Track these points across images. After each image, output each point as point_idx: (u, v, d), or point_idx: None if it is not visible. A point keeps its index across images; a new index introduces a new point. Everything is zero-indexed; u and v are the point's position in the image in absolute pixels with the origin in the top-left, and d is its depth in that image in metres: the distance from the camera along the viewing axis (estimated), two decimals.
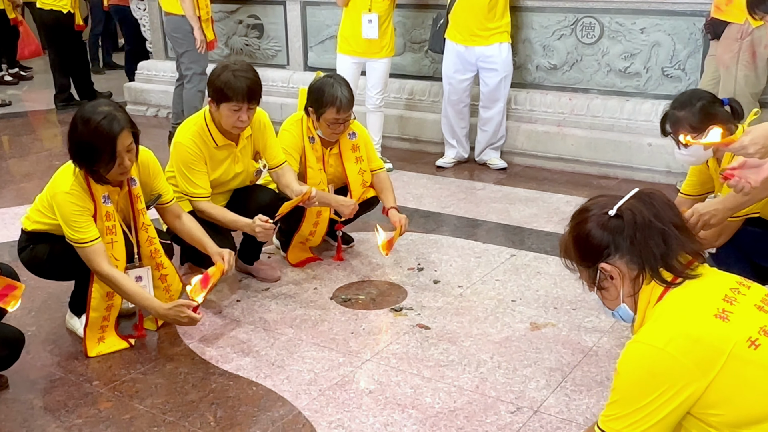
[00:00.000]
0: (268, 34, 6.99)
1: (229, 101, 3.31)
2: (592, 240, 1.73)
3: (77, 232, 2.92)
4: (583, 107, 5.48)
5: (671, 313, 1.60)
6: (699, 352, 1.52)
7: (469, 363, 2.97)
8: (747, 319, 1.55)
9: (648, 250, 1.67)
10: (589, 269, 1.77)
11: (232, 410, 2.71)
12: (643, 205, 1.70)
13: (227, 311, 3.46)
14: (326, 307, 3.48)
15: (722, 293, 1.61)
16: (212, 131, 3.44)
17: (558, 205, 4.77)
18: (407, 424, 2.60)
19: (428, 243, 4.20)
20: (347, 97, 3.64)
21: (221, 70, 3.36)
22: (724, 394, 1.51)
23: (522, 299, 3.51)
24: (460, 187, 5.23)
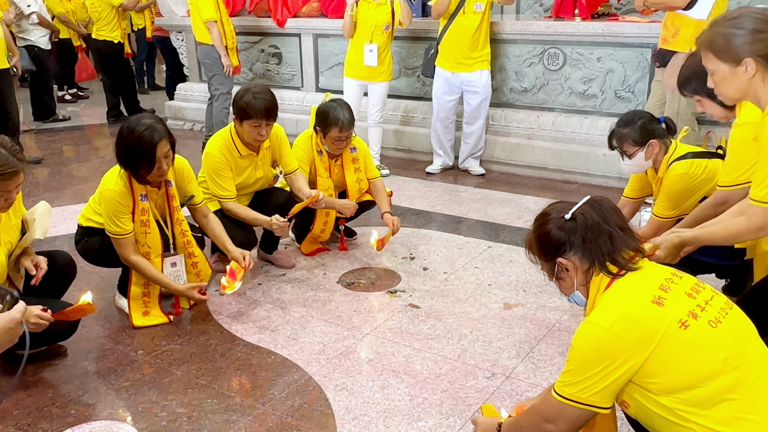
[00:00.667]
0: (285, 61, 6.98)
1: (251, 119, 3.32)
2: (552, 239, 1.73)
3: (115, 226, 2.95)
4: (548, 123, 5.47)
5: (616, 299, 1.61)
6: (638, 332, 1.53)
7: (452, 336, 2.98)
8: (678, 304, 1.56)
9: (597, 248, 1.68)
10: (549, 263, 1.78)
11: (254, 375, 2.72)
12: (593, 210, 1.71)
13: (250, 293, 3.46)
14: (333, 290, 3.48)
15: (658, 283, 1.61)
16: (237, 143, 3.44)
17: (528, 205, 4.78)
18: (400, 387, 2.61)
19: (419, 236, 4.20)
20: (348, 118, 3.64)
21: (243, 92, 3.37)
22: (660, 365, 1.52)
23: (497, 283, 3.51)
24: (446, 190, 5.24)
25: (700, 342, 1.51)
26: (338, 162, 3.83)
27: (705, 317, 1.54)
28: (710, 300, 1.59)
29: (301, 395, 2.57)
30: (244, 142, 3.45)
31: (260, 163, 3.55)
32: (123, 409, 2.52)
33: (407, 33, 5.94)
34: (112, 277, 3.43)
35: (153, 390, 2.63)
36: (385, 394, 2.56)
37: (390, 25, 5.35)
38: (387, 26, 5.34)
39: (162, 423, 2.43)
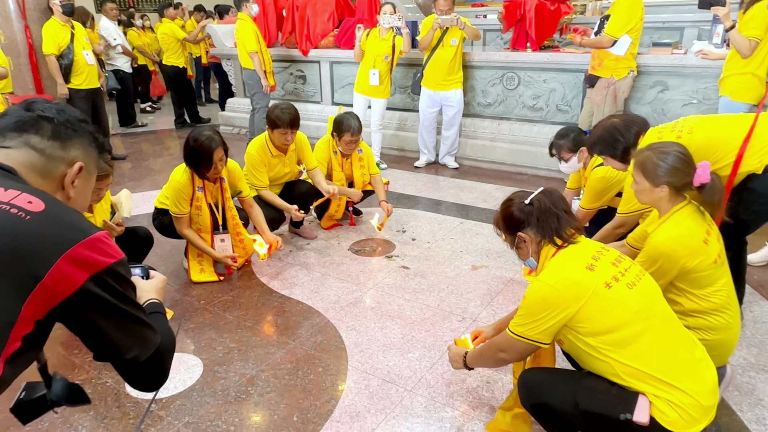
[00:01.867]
0: (309, 81, 6.90)
1: (280, 128, 3.31)
2: (514, 218, 1.73)
3: (176, 207, 2.96)
4: (507, 129, 5.43)
5: (559, 264, 1.61)
6: (574, 289, 1.53)
7: (433, 290, 2.98)
8: (605, 271, 1.56)
9: (548, 226, 1.68)
10: (511, 236, 1.77)
11: (287, 319, 2.73)
12: (546, 198, 1.71)
13: (284, 257, 3.46)
14: (345, 255, 3.48)
15: (591, 254, 1.61)
16: (269, 146, 3.43)
17: (490, 192, 4.76)
18: (395, 328, 2.62)
19: (409, 215, 4.19)
20: (358, 126, 3.62)
21: (274, 108, 3.35)
22: (588, 315, 1.53)
23: (467, 251, 3.50)
24: (429, 180, 5.21)
25: (619, 299, 1.52)
26: (348, 160, 3.82)
27: (624, 281, 1.55)
28: (629, 268, 1.60)
29: (321, 334, 2.59)
30: (276, 146, 3.44)
31: (287, 161, 3.54)
32: (190, 344, 2.54)
33: (402, 61, 5.87)
34: (180, 246, 3.44)
35: (212, 330, 2.64)
36: (384, 333, 2.58)
37: (389, 56, 5.29)
38: (387, 56, 5.27)
39: (219, 355, 2.45)
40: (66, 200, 1.05)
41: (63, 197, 1.05)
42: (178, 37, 7.57)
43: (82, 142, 1.08)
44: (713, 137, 2.16)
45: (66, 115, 1.07)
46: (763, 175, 2.10)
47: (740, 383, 2.17)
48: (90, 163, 1.10)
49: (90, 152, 1.09)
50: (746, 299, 2.75)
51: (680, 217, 1.86)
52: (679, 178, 1.85)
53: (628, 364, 1.49)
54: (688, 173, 1.84)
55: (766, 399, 2.08)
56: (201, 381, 2.28)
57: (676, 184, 1.86)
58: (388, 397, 2.15)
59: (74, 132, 1.06)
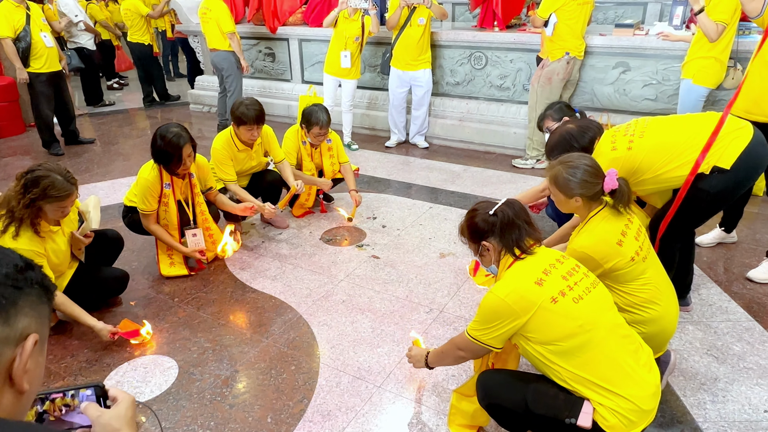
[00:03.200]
0: (278, 59, 6.71)
1: (246, 124, 3.24)
2: (479, 227, 1.75)
3: (143, 204, 2.93)
4: (475, 109, 5.41)
5: (512, 277, 1.65)
6: (522, 303, 1.58)
7: (402, 280, 3.00)
8: (553, 285, 1.60)
9: (509, 236, 1.71)
10: (475, 244, 1.80)
11: (260, 315, 2.73)
12: (509, 209, 1.73)
13: (255, 249, 3.43)
14: (316, 245, 3.46)
15: (543, 267, 1.64)
16: (235, 141, 3.36)
17: (459, 173, 4.76)
18: (365, 322, 2.64)
19: (380, 200, 4.17)
20: (326, 120, 3.56)
21: (239, 105, 3.26)
22: (536, 326, 1.58)
23: (435, 237, 3.52)
24: (400, 160, 5.18)
25: (564, 312, 1.57)
26: (318, 150, 3.77)
27: (571, 295, 1.59)
28: (579, 281, 1.64)
29: (294, 330, 2.60)
30: (241, 141, 3.37)
31: (254, 155, 3.48)
32: (165, 345, 2.54)
33: (371, 40, 5.73)
34: (152, 241, 3.38)
35: (186, 329, 2.63)
36: (354, 328, 2.60)
37: (360, 37, 5.16)
38: (357, 38, 5.14)
39: (194, 356, 2.46)
40: (16, 398, 0.71)
41: (11, 397, 0.71)
42: (142, 13, 7.22)
43: (30, 300, 0.74)
44: (663, 142, 2.20)
45: (2, 268, 0.72)
46: (710, 175, 2.16)
47: (685, 368, 2.28)
48: (44, 326, 0.77)
49: (42, 310, 0.76)
50: (695, 282, 2.86)
51: (594, 223, 1.93)
52: (589, 188, 1.92)
53: (573, 372, 1.56)
54: (597, 183, 1.91)
55: (708, 383, 2.19)
56: (176, 384, 2.29)
57: (588, 194, 1.93)
58: (359, 394, 2.19)
59: (17, 291, 0.72)
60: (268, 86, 6.87)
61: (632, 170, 2.23)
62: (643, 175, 2.23)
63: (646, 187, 2.28)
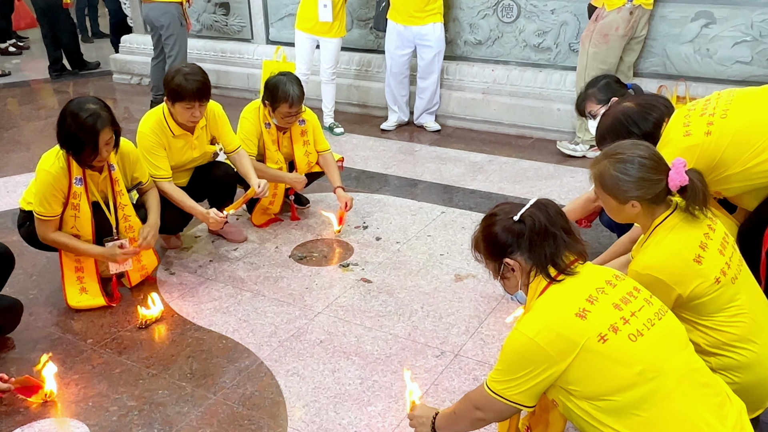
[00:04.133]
0: (234, 12, 6.74)
1: (183, 100, 3.24)
2: (499, 239, 1.76)
3: (41, 206, 2.91)
4: (503, 77, 5.43)
5: (544, 308, 1.65)
6: (559, 344, 1.58)
7: (403, 313, 3.00)
8: (601, 318, 1.59)
9: (541, 251, 1.71)
10: (495, 262, 1.80)
11: (206, 362, 2.72)
12: (541, 213, 1.73)
13: (201, 271, 3.43)
14: (285, 265, 3.47)
15: (588, 293, 1.64)
16: (170, 123, 3.36)
17: (482, 164, 4.77)
18: (351, 370, 2.63)
19: (373, 202, 4.18)
20: (298, 94, 3.57)
21: (174, 73, 3.27)
22: (579, 375, 1.58)
23: (449, 253, 3.52)
24: (401, 149, 5.20)
25: (616, 356, 1.56)
26: (287, 134, 3.77)
27: (626, 331, 1.58)
28: (638, 311, 1.63)
29: (252, 382, 2.59)
30: (178, 123, 3.37)
31: (196, 143, 3.48)
32: (73, 405, 2.51)
33: None
34: (57, 260, 3.36)
35: (103, 382, 2.61)
36: (336, 378, 2.59)
37: None
38: None
39: (113, 418, 2.43)
40: None
41: None
42: None
43: None
44: (755, 123, 2.20)
45: None
46: None
47: None
48: None
49: None
50: None
51: (661, 234, 1.93)
52: (649, 188, 1.92)
53: None
54: (658, 179, 1.91)
55: None
56: None
57: (647, 195, 1.93)
58: None
59: None
60: (220, 49, 6.88)
61: (713, 163, 2.23)
62: (728, 169, 2.23)
63: (733, 185, 2.28)
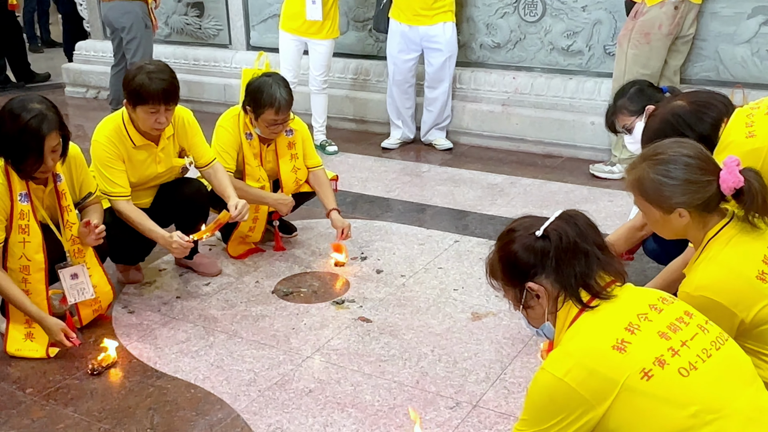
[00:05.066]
0: (208, 13, 6.84)
1: (146, 104, 3.26)
2: (520, 260, 1.75)
3: None
4: (527, 86, 5.48)
5: (576, 342, 1.63)
6: (594, 384, 1.56)
7: (410, 357, 2.98)
8: (644, 350, 1.57)
9: (570, 271, 1.70)
10: (515, 289, 1.79)
11: (170, 415, 2.68)
12: (568, 226, 1.72)
13: (166, 309, 3.41)
14: (267, 302, 3.45)
15: (628, 320, 1.62)
16: (130, 131, 3.37)
17: (503, 187, 4.79)
18: (346, 424, 2.59)
19: (372, 230, 4.18)
20: (286, 98, 3.59)
21: (136, 71, 3.30)
22: (621, 421, 1.55)
23: (464, 288, 3.52)
24: (406, 170, 5.22)
25: (665, 395, 1.53)
26: (271, 147, 3.80)
27: (676, 364, 1.56)
28: (690, 340, 1.61)
29: None
30: (140, 131, 3.39)
31: (162, 155, 3.49)
32: None
33: None
34: None
35: None
36: None
37: None
38: None
39: None
40: None
41: None
42: None
43: None
44: None
45: None
46: None
47: None
48: None
49: None
50: None
51: (715, 249, 1.93)
52: (697, 192, 1.93)
53: None
54: (708, 181, 1.92)
55: None
56: None
57: (696, 201, 1.94)
58: None
59: None
60: (192, 56, 6.95)
61: None
62: None
63: None
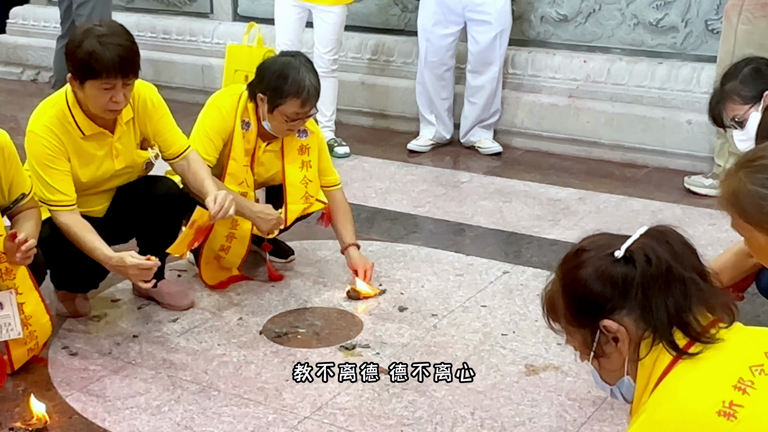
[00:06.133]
0: None
1: (97, 77, 3.24)
2: (592, 291, 1.72)
3: None
4: (602, 72, 5.48)
5: (669, 405, 1.61)
6: None
7: (443, 421, 2.97)
8: (761, 414, 1.55)
9: (662, 304, 1.68)
10: (585, 330, 1.76)
11: None
12: (659, 246, 1.71)
13: (120, 351, 3.42)
14: (254, 345, 3.45)
15: (738, 375, 1.60)
16: (77, 117, 3.39)
17: (568, 203, 4.79)
18: None
19: (394, 255, 4.18)
20: (315, 86, 3.65)
21: (83, 35, 3.27)
22: None
23: (516, 332, 3.50)
24: (440, 179, 5.23)
25: None
26: (273, 147, 3.83)
27: None
28: None
29: None
30: (90, 115, 3.40)
31: (119, 147, 3.50)
32: None
33: None
34: None
35: None
36: None
37: None
38: None
39: None
40: None
41: None
42: None
43: None
44: None
45: None
46: None
47: None
48: None
49: None
50: None
51: None
52: None
53: None
54: None
55: None
56: None
57: None
58: None
59: None
60: (162, 28, 7.05)
61: None
62: None
63: None
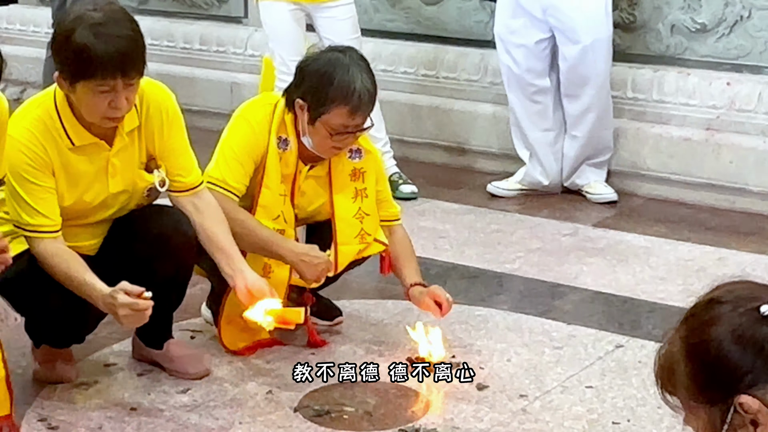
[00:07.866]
0: None
1: (92, 77, 3.28)
2: (726, 357, 1.71)
3: None
4: (750, 98, 5.47)
5: None
6: None
7: None
8: None
9: None
10: (714, 407, 1.74)
11: None
12: None
13: (112, 426, 3.45)
14: (286, 425, 3.47)
15: None
16: (66, 122, 3.44)
17: (702, 264, 4.78)
18: None
19: (473, 321, 4.21)
20: (370, 90, 3.71)
21: (73, 23, 3.32)
22: None
23: (632, 420, 3.49)
24: (534, 231, 5.28)
25: None
26: (318, 172, 3.89)
27: None
28: None
29: None
30: (83, 122, 3.46)
31: (117, 164, 3.54)
32: None
33: None
34: None
35: None
36: None
37: None
38: None
39: None
40: None
41: None
42: None
43: None
44: None
45: None
46: None
47: None
48: None
49: None
50: None
51: None
52: None
53: None
54: None
55: None
56: None
57: None
58: None
59: None
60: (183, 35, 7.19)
61: None
62: None
63: None
